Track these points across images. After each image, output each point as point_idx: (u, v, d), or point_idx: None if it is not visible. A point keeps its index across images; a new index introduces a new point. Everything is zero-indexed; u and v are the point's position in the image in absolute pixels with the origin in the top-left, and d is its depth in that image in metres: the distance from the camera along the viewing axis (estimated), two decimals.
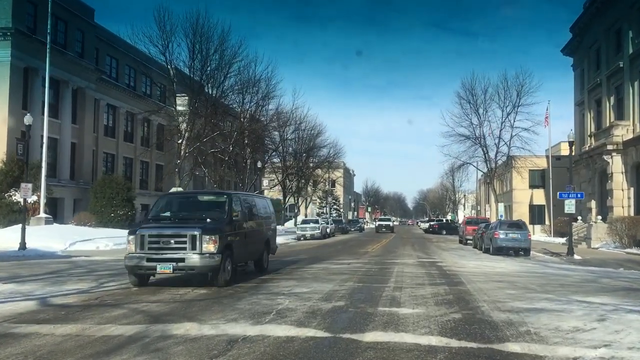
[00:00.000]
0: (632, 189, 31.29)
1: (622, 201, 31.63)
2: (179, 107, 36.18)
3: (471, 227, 34.08)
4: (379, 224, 62.94)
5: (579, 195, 26.13)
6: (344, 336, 6.59)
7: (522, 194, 50.52)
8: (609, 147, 31.98)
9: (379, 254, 24.06)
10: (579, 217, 36.14)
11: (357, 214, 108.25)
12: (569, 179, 26.48)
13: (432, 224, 64.65)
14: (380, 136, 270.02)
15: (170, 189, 33.25)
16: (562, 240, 34.25)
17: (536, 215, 49.28)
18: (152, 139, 43.62)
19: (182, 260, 10.51)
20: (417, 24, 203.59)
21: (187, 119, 34.98)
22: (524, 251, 24.50)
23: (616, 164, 31.95)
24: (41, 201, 26.21)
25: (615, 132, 32.00)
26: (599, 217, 32.57)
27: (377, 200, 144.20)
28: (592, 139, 36.62)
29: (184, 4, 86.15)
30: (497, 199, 50.52)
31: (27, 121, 22.57)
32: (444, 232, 55.99)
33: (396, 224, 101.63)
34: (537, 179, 50.32)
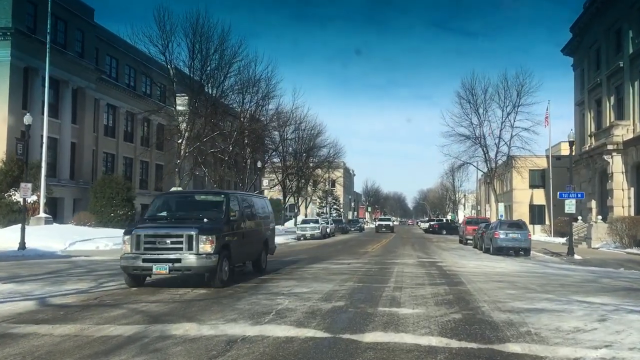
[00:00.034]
0: (633, 189, 31.28)
1: (622, 201, 31.62)
2: (179, 107, 36.16)
3: (471, 227, 34.07)
4: (378, 224, 62.91)
5: (579, 195, 26.09)
6: (344, 336, 6.57)
7: (522, 194, 50.51)
8: (609, 147, 31.97)
9: (379, 254, 24.03)
10: (579, 217, 36.11)
11: (357, 213, 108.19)
12: (569, 179, 26.47)
13: (432, 223, 64.65)
14: (380, 136, 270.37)
15: (170, 188, 33.25)
16: (562, 240, 34.23)
17: (536, 215, 49.27)
18: (152, 138, 43.62)
19: (179, 260, 10.36)
20: (417, 23, 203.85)
21: (187, 118, 34.96)
22: (524, 251, 24.48)
23: (616, 164, 31.94)
24: (41, 201, 26.19)
25: (615, 132, 32.00)
26: (599, 217, 32.55)
27: (377, 200, 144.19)
28: (592, 138, 36.60)
29: (184, 4, 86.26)
30: (497, 198, 50.48)
31: (27, 121, 22.57)
32: (444, 232, 56.01)
33: (396, 223, 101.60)
34: (537, 179, 50.32)
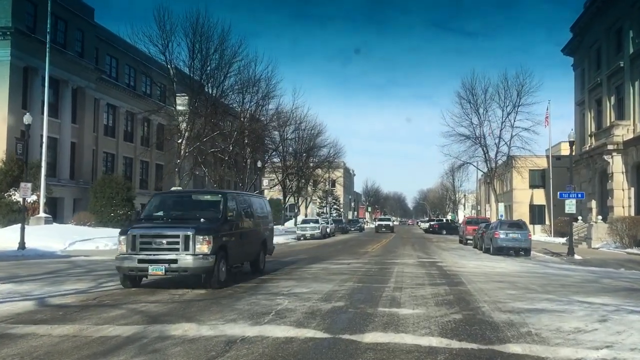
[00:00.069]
0: (633, 189, 31.26)
1: (622, 201, 31.60)
2: (179, 107, 36.12)
3: (471, 227, 34.04)
4: (378, 224, 62.87)
5: (580, 195, 26.04)
6: (344, 337, 6.54)
7: (523, 194, 50.49)
8: (610, 147, 31.95)
9: (379, 253, 24.00)
10: (579, 217, 36.09)
11: (357, 213, 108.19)
12: (570, 179, 26.45)
13: (432, 223, 64.63)
14: (380, 136, 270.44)
15: (170, 188, 33.21)
16: (562, 240, 34.20)
17: (536, 215, 49.24)
18: (152, 138, 43.62)
19: (175, 261, 10.22)
20: (416, 22, 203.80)
21: (187, 118, 34.91)
22: (525, 251, 24.45)
23: (616, 164, 31.92)
24: (41, 201, 26.16)
25: (615, 132, 31.97)
26: (599, 217, 32.52)
27: (377, 200, 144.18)
28: (593, 138, 36.58)
29: (184, 4, 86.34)
30: (498, 198, 50.44)
31: (27, 120, 22.56)
32: (444, 232, 56.00)
33: (396, 223, 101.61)
34: (537, 179, 50.29)
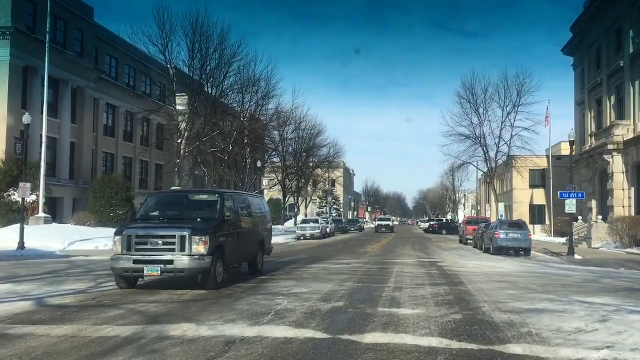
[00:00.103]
0: (633, 189, 31.23)
1: (622, 201, 31.57)
2: (179, 107, 36.08)
3: (471, 227, 33.98)
4: (378, 224, 62.78)
5: (580, 195, 25.99)
6: (343, 337, 6.52)
7: (523, 194, 50.45)
8: (610, 147, 31.92)
9: (379, 253, 23.97)
10: (579, 217, 36.05)
11: (357, 213, 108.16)
12: (570, 179, 26.42)
13: (432, 223, 64.57)
14: (380, 136, 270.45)
15: (170, 188, 33.19)
16: (562, 240, 34.17)
17: (536, 215, 49.21)
18: (151, 138, 43.57)
19: (171, 262, 10.06)
20: (416, 23, 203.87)
21: (187, 118, 34.88)
22: (525, 251, 24.42)
23: (617, 164, 31.89)
24: (40, 201, 26.12)
25: (615, 132, 31.94)
26: (599, 217, 32.49)
27: (377, 200, 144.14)
28: (593, 138, 36.55)
29: (184, 3, 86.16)
30: (498, 198, 50.39)
31: (26, 120, 22.54)
32: (444, 232, 55.95)
33: (396, 223, 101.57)
34: (537, 179, 50.26)
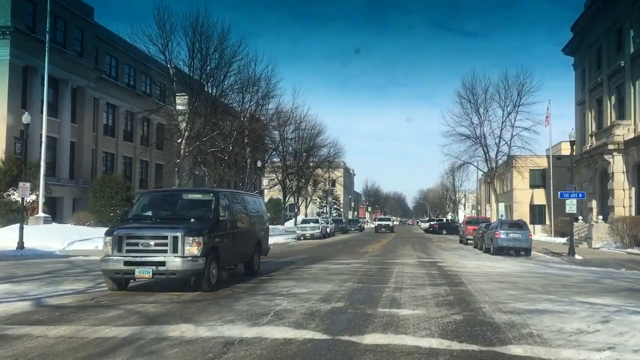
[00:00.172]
0: (634, 189, 31.18)
1: (623, 201, 31.52)
2: (179, 106, 36.03)
3: (472, 227, 33.93)
4: (378, 224, 62.70)
5: (580, 195, 25.93)
6: (343, 338, 6.47)
7: (523, 194, 50.39)
8: (610, 147, 31.87)
9: (379, 253, 23.93)
10: (579, 217, 36.00)
11: (357, 213, 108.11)
12: (570, 179, 26.37)
13: (432, 223, 64.52)
14: (380, 136, 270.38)
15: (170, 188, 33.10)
16: (562, 240, 34.11)
17: (537, 215, 49.14)
18: (151, 138, 43.53)
19: (163, 264, 9.77)
20: (416, 22, 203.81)
21: (187, 118, 34.82)
22: (525, 251, 24.37)
23: (617, 164, 31.84)
24: (40, 200, 26.08)
25: (616, 132, 31.89)
26: (600, 217, 32.43)
27: (377, 200, 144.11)
28: (593, 138, 36.50)
29: (184, 3, 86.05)
30: (498, 198, 50.34)
31: (26, 120, 22.50)
32: (444, 231, 55.89)
33: (396, 223, 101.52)
34: (537, 179, 50.18)
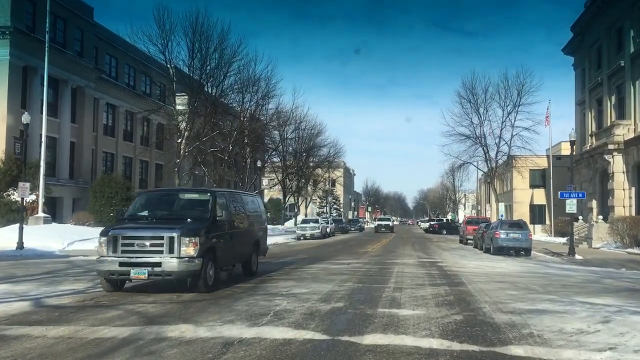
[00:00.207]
0: (634, 189, 31.16)
1: (623, 201, 31.50)
2: (179, 106, 36.03)
3: (472, 227, 33.92)
4: (378, 224, 62.62)
5: (580, 194, 25.91)
6: (343, 339, 6.45)
7: (523, 194, 50.38)
8: (610, 147, 31.85)
9: (379, 253, 23.91)
10: (580, 217, 35.97)
11: (357, 213, 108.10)
12: (570, 179, 26.35)
13: (432, 223, 64.50)
14: (380, 136, 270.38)
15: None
16: (562, 240, 34.09)
17: (537, 215, 49.12)
18: (151, 138, 43.50)
19: (159, 264, 9.64)
20: (416, 22, 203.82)
21: (187, 118, 34.82)
22: (525, 251, 24.35)
23: (617, 164, 31.82)
24: (39, 200, 26.05)
25: (616, 132, 31.87)
26: (600, 217, 32.40)
27: (377, 199, 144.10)
28: (593, 138, 36.47)
29: (184, 3, 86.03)
30: (498, 198, 50.32)
31: (25, 120, 22.47)
32: (444, 231, 55.87)
33: (396, 223, 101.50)
34: (537, 179, 50.17)
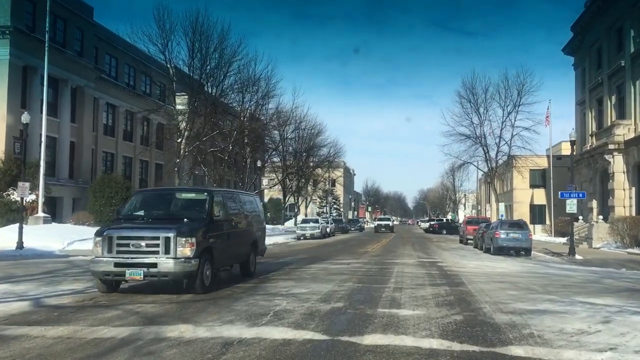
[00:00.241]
0: (634, 189, 31.14)
1: (623, 201, 31.48)
2: (179, 106, 36.02)
3: (472, 227, 33.89)
4: (378, 224, 62.56)
5: (581, 194, 25.90)
6: (343, 339, 6.43)
7: (523, 194, 50.36)
8: (611, 147, 31.83)
9: (378, 253, 23.89)
10: (580, 217, 35.95)
11: (357, 213, 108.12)
12: (570, 179, 26.34)
13: (432, 223, 64.50)
14: (380, 135, 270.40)
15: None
16: (563, 240, 34.07)
17: (537, 215, 49.11)
18: (151, 137, 43.47)
19: (154, 265, 9.50)
20: (416, 22, 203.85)
21: (187, 117, 34.82)
22: (525, 251, 24.33)
23: (617, 164, 31.80)
24: (39, 200, 26.04)
25: (616, 132, 31.86)
26: (600, 217, 32.39)
27: (377, 199, 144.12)
28: (594, 138, 36.46)
29: (184, 3, 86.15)
30: (498, 198, 50.31)
31: (25, 119, 22.43)
32: (445, 231, 55.85)
33: (396, 223, 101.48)
34: (537, 179, 50.15)
